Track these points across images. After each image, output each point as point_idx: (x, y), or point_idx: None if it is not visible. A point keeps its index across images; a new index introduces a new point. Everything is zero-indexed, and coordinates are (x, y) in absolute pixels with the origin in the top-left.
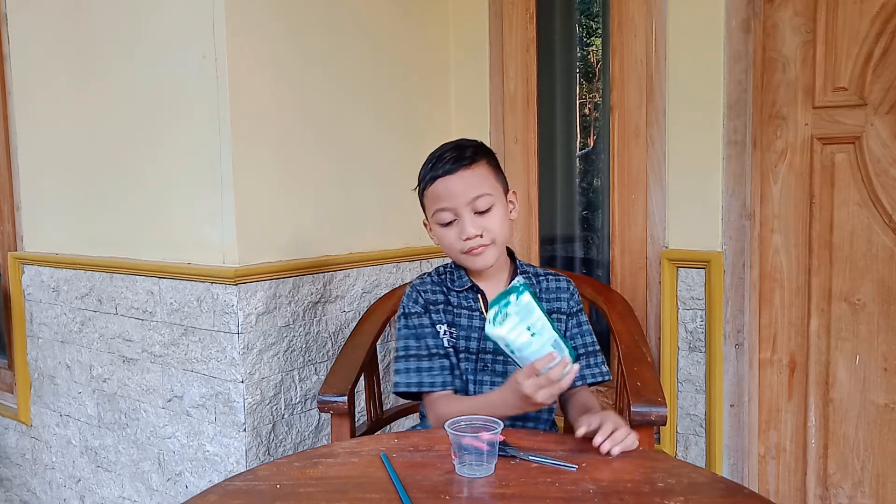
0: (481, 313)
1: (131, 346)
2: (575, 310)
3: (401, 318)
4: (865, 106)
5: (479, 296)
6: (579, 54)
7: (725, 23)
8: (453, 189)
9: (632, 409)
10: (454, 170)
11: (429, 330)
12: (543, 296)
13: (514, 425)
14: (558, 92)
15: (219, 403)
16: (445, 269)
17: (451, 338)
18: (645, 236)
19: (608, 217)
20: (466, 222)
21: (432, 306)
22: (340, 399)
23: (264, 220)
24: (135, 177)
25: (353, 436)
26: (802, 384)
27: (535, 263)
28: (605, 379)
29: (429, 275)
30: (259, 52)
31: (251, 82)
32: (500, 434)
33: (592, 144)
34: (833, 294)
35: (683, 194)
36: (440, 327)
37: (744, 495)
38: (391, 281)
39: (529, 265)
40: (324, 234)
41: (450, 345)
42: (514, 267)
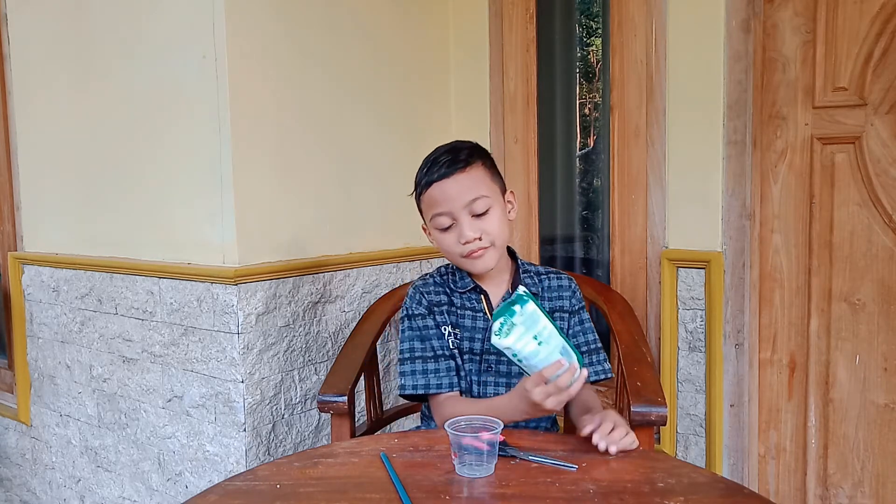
0: (485, 314)
1: (131, 346)
2: (577, 307)
3: (404, 319)
4: (865, 106)
5: (482, 297)
6: (579, 54)
7: (725, 23)
8: (450, 193)
9: (632, 409)
10: (450, 173)
11: (433, 331)
12: (545, 294)
13: (515, 425)
14: (558, 92)
15: (219, 403)
16: (447, 269)
17: (455, 339)
18: (645, 236)
19: (608, 217)
20: (464, 226)
21: (436, 307)
22: (340, 399)
23: (264, 220)
24: (135, 177)
25: (353, 436)
26: (802, 384)
27: (536, 263)
28: (608, 377)
29: (431, 275)
30: (259, 52)
31: (251, 82)
32: (500, 434)
33: (592, 144)
34: (833, 294)
35: (683, 194)
36: (445, 328)
37: (744, 495)
38: (391, 281)
39: (531, 264)
40: (324, 234)
41: (454, 346)
42: (515, 266)
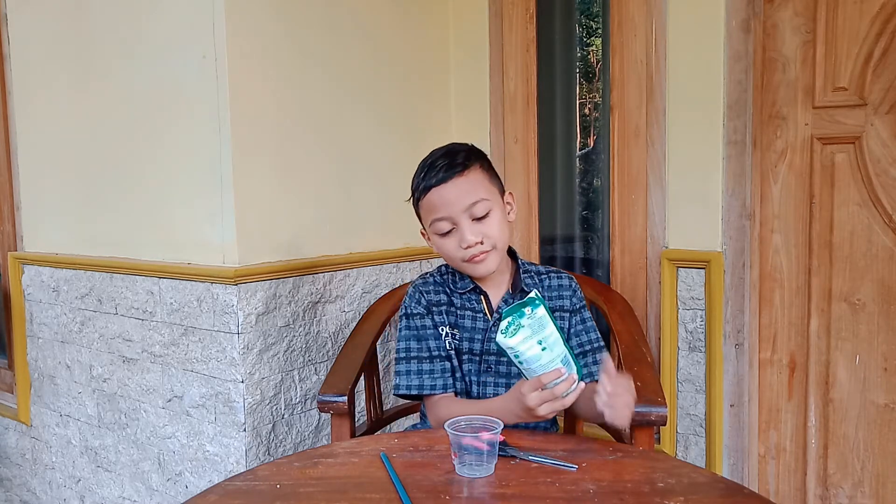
0: (485, 315)
1: (131, 346)
2: (578, 306)
3: (402, 318)
4: (865, 106)
5: (482, 297)
6: (579, 54)
7: (725, 23)
8: (448, 198)
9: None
10: (448, 178)
11: (431, 332)
12: (546, 293)
13: (515, 425)
14: (558, 92)
15: (219, 403)
16: (447, 269)
17: (453, 339)
18: (645, 236)
19: (608, 217)
20: (465, 230)
21: (435, 307)
22: (340, 399)
23: (264, 220)
24: (135, 177)
25: (353, 436)
26: (802, 384)
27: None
28: None
29: (431, 274)
30: (259, 52)
31: (251, 82)
32: (500, 434)
33: (592, 144)
34: (833, 294)
35: (683, 194)
36: (443, 329)
37: (744, 495)
38: (391, 281)
39: (531, 263)
40: (324, 234)
41: (452, 346)
42: (515, 266)
